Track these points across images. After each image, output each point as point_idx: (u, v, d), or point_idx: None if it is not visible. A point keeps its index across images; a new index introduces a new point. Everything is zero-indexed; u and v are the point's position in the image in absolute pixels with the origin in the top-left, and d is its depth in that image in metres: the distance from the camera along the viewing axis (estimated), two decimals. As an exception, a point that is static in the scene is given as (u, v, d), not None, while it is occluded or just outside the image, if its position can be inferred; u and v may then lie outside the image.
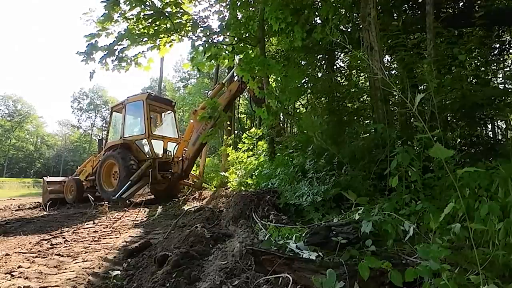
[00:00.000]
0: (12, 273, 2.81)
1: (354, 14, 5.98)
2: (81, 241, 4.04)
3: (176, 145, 8.75)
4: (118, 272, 2.70)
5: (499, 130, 5.04)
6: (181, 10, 5.80)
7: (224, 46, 6.26)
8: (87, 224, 5.25)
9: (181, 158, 8.25)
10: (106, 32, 5.49)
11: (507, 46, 5.83)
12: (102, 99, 61.37)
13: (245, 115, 29.12)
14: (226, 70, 12.08)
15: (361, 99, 4.76)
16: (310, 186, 3.51)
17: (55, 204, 8.71)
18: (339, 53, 8.11)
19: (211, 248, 2.76)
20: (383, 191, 3.02)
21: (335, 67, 7.39)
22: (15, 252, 3.57)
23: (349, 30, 6.11)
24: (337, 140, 4.10)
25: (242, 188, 5.78)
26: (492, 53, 5.30)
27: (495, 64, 5.05)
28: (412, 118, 4.08)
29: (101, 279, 2.63)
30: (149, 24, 5.48)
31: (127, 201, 7.54)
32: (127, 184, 7.60)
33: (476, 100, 3.18)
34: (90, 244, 3.87)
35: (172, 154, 8.66)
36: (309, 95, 6.76)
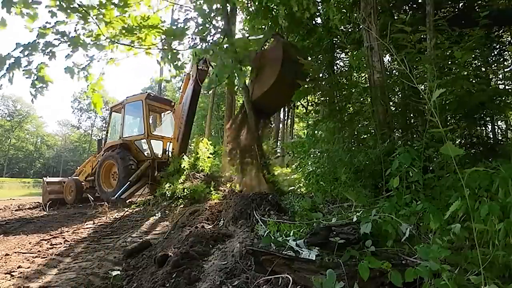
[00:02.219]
0: (12, 273, 2.81)
1: (354, 14, 5.98)
2: (81, 241, 4.04)
3: (170, 145, 8.78)
4: (118, 272, 2.71)
5: (499, 130, 5.04)
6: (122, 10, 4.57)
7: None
8: (87, 224, 5.25)
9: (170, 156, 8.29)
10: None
11: (507, 46, 5.83)
12: (103, 99, 61.36)
13: (245, 115, 29.11)
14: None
15: (361, 99, 4.75)
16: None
17: (55, 205, 8.71)
18: (340, 53, 8.12)
19: (211, 248, 2.76)
20: (382, 191, 3.02)
21: (335, 67, 7.39)
22: (15, 252, 3.57)
23: (349, 30, 6.12)
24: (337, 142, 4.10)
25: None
26: (492, 53, 5.30)
27: (495, 64, 5.05)
28: (413, 119, 4.08)
29: (101, 279, 2.63)
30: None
31: (126, 201, 7.54)
32: (126, 185, 7.60)
33: (476, 100, 3.18)
34: (90, 244, 3.87)
35: (171, 154, 8.67)
36: (309, 96, 6.75)
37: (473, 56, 3.91)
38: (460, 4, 5.85)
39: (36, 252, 3.56)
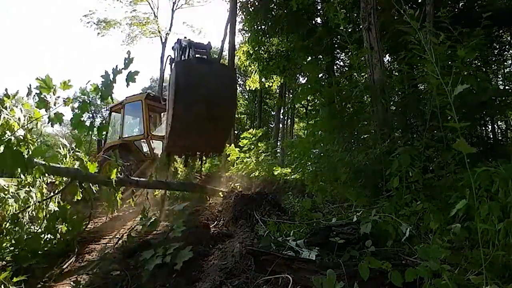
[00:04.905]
0: (12, 273, 2.80)
1: (354, 14, 5.98)
2: (81, 241, 4.03)
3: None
4: (118, 272, 2.70)
5: (499, 130, 5.05)
6: None
7: None
8: (87, 224, 5.23)
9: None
10: None
11: (507, 46, 5.83)
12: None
13: (245, 115, 29.13)
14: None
15: (361, 99, 4.76)
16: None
17: (55, 204, 8.69)
18: (340, 53, 8.13)
19: (211, 248, 2.76)
20: (382, 191, 3.02)
21: (335, 67, 7.40)
22: (15, 252, 3.56)
23: (349, 30, 6.12)
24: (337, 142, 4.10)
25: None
26: (492, 53, 5.30)
27: (495, 64, 5.05)
28: (413, 119, 4.07)
29: (101, 279, 2.63)
30: None
31: (126, 201, 7.52)
32: (125, 185, 7.58)
33: (477, 100, 3.17)
34: (90, 244, 3.87)
35: None
36: (309, 96, 6.76)
37: (473, 55, 3.90)
38: (460, 4, 5.86)
39: (36, 252, 3.55)
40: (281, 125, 20.03)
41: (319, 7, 10.10)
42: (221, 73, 3.71)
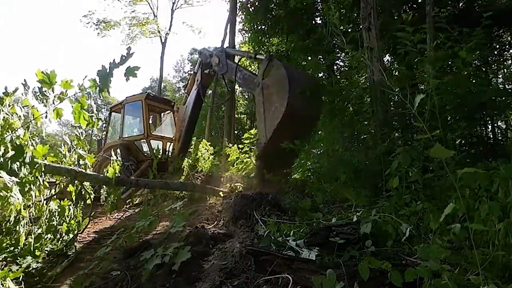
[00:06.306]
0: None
1: (354, 14, 5.98)
2: (81, 241, 4.04)
3: (170, 145, 8.80)
4: (118, 272, 2.70)
5: (499, 130, 5.04)
6: None
7: None
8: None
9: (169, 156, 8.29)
10: None
11: (507, 46, 5.83)
12: (104, 100, 61.44)
13: (245, 115, 29.10)
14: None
15: (361, 100, 4.76)
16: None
17: (55, 205, 8.69)
18: (340, 53, 8.13)
19: (211, 248, 2.76)
20: (382, 191, 3.02)
21: (335, 67, 7.39)
22: (15, 252, 3.56)
23: (349, 30, 6.12)
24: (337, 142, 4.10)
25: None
26: (492, 53, 5.30)
27: (495, 64, 5.05)
28: (412, 119, 4.07)
29: (101, 279, 2.63)
30: None
31: (126, 201, 7.52)
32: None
33: (477, 100, 3.17)
34: (90, 244, 3.87)
35: (170, 154, 8.68)
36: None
37: (473, 56, 3.90)
38: (460, 4, 5.86)
39: (36, 252, 3.55)
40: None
41: (319, 7, 10.10)
42: (306, 74, 4.67)
